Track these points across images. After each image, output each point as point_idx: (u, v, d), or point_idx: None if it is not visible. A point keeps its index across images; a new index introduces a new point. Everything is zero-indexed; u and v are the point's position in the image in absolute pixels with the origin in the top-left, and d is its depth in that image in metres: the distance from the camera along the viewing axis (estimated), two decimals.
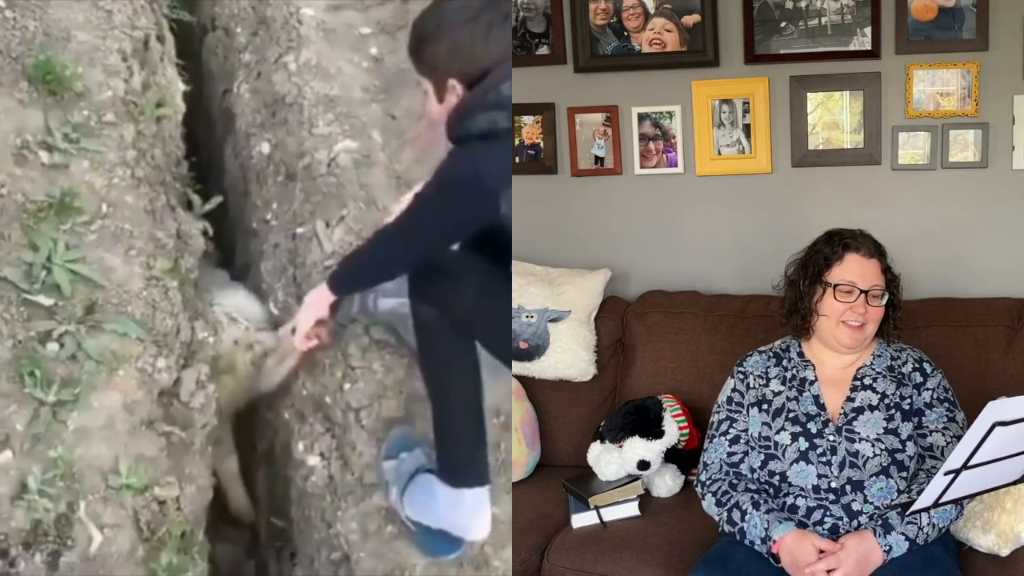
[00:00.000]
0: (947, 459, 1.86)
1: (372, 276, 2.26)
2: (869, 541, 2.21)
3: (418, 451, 2.29)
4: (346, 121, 2.63)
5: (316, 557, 2.29)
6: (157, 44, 2.57)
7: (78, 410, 2.01)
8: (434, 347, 2.18)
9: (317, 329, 2.32)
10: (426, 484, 2.24)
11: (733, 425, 2.46)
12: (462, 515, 2.22)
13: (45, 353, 2.03)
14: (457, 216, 2.03)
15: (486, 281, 2.14)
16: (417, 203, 2.09)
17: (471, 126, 1.97)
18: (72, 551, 1.92)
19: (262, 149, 2.65)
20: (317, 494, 2.30)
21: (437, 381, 2.20)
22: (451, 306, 2.12)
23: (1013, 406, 1.77)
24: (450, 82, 2.01)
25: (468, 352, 2.18)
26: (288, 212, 2.55)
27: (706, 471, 2.45)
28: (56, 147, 2.22)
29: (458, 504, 2.21)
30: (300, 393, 2.39)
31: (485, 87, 1.99)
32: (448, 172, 2.02)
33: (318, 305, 2.29)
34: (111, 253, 2.18)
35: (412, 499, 2.25)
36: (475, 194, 1.97)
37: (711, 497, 2.40)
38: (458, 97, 2.02)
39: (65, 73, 2.29)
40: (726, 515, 2.35)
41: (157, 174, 2.38)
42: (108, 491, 1.98)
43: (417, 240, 2.09)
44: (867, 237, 2.42)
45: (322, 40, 2.74)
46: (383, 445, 2.31)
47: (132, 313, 2.13)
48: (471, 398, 2.20)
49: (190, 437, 2.15)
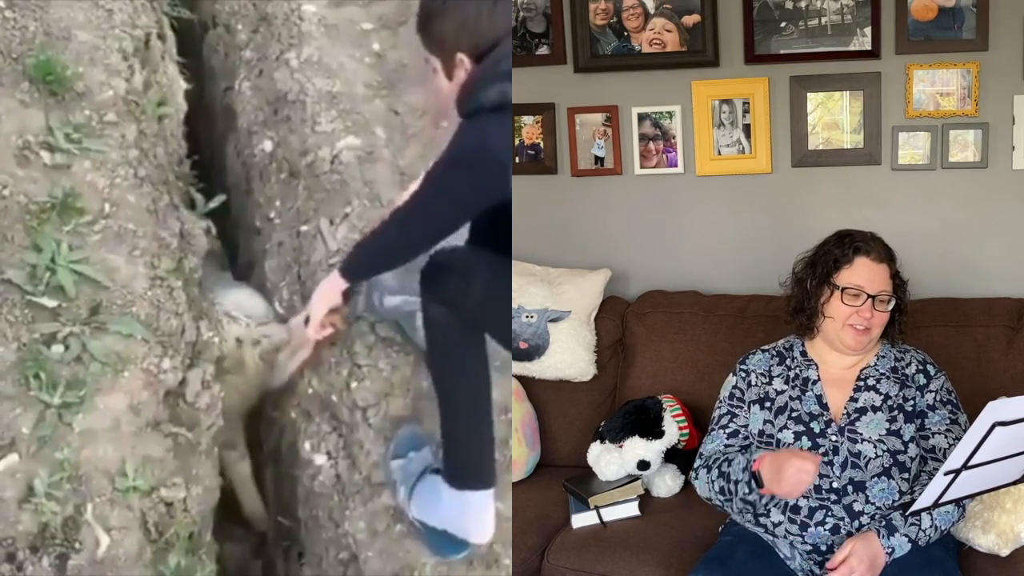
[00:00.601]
0: (947, 459, 1.87)
1: (387, 260, 2.22)
2: (875, 543, 2.21)
3: (426, 450, 2.28)
4: (349, 118, 2.63)
5: (324, 557, 2.28)
6: (158, 42, 2.56)
7: (84, 412, 2.00)
8: (446, 348, 2.16)
9: (331, 318, 2.29)
10: (433, 484, 2.23)
11: (733, 420, 2.46)
12: (466, 517, 2.22)
13: (50, 355, 2.02)
14: (471, 191, 2.01)
15: (493, 273, 2.13)
16: (430, 181, 2.06)
17: (483, 99, 1.96)
18: (80, 554, 1.91)
19: (265, 147, 2.64)
20: (325, 493, 2.30)
21: (447, 383, 2.18)
22: (461, 304, 2.11)
23: (1013, 406, 1.77)
24: (458, 57, 2.00)
25: (479, 354, 2.17)
26: (292, 210, 2.55)
27: (701, 459, 2.45)
28: (58, 147, 2.21)
29: (462, 506, 2.20)
30: (306, 392, 2.38)
31: (495, 58, 1.98)
32: (460, 147, 2.00)
33: (331, 293, 2.25)
34: (114, 253, 2.17)
35: (419, 499, 2.24)
36: (487, 168, 1.96)
37: (704, 472, 2.39)
38: (467, 72, 2.01)
39: (66, 73, 2.28)
40: (716, 473, 2.34)
41: (160, 173, 2.37)
42: (115, 493, 1.98)
43: (432, 219, 2.06)
44: (878, 241, 2.40)
45: (324, 36, 2.73)
46: (391, 444, 2.30)
47: (137, 314, 2.12)
48: (480, 401, 2.19)
49: (196, 438, 2.14)
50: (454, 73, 2.02)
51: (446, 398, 2.19)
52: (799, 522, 2.32)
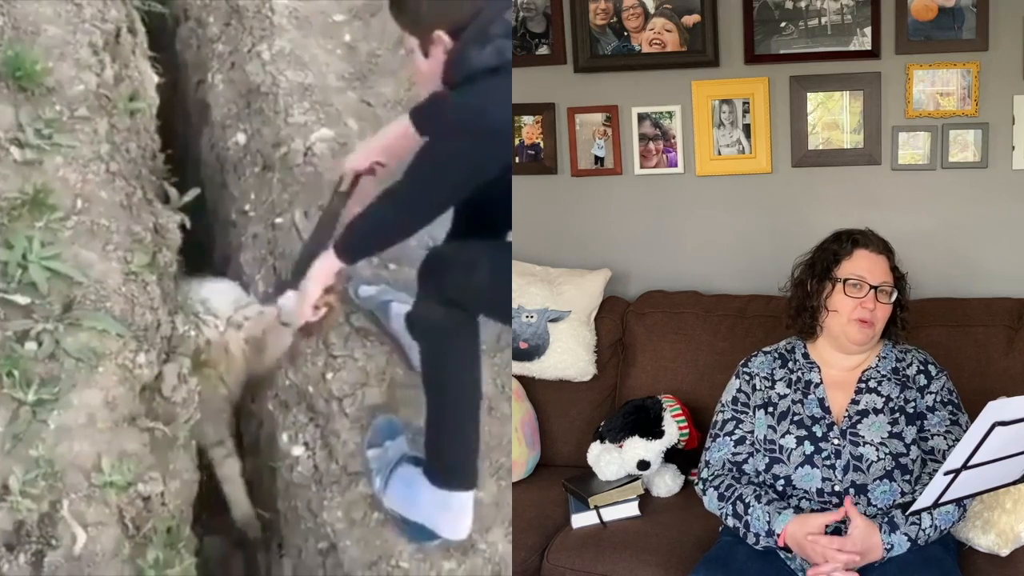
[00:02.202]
0: (947, 459, 1.86)
1: (383, 238, 2.14)
2: (876, 535, 2.20)
3: (401, 439, 2.28)
4: (321, 109, 2.63)
5: (303, 547, 2.30)
6: (129, 36, 2.54)
7: (59, 408, 1.99)
8: (441, 350, 2.12)
9: (326, 298, 2.24)
10: (410, 477, 2.21)
11: (739, 426, 2.45)
12: (446, 517, 2.21)
13: (23, 352, 2.00)
14: (471, 159, 1.93)
15: (493, 260, 2.09)
16: (426, 153, 1.99)
17: (476, 61, 1.90)
18: (56, 551, 1.91)
19: (238, 140, 2.64)
20: (303, 484, 2.31)
21: (439, 384, 2.15)
22: (462, 299, 2.06)
23: (1013, 406, 1.77)
24: (435, 33, 1.94)
25: (474, 357, 2.14)
26: (266, 202, 2.55)
27: (708, 469, 2.44)
28: (28, 143, 2.19)
29: (444, 505, 2.19)
30: (283, 384, 2.39)
31: (481, 23, 1.91)
32: (456, 115, 1.93)
33: (326, 273, 2.18)
34: (88, 249, 2.15)
35: (394, 490, 2.23)
36: (487, 133, 1.89)
37: (713, 492, 2.39)
38: (445, 47, 1.94)
39: (35, 68, 2.25)
40: (730, 508, 2.34)
41: (132, 168, 2.35)
42: (91, 489, 1.97)
43: (428, 194, 2.00)
44: (875, 235, 2.43)
45: (295, 28, 2.73)
46: (367, 433, 2.30)
47: (111, 309, 2.11)
48: (471, 404, 2.17)
49: (173, 432, 2.14)
50: (431, 51, 1.96)
51: (436, 398, 2.16)
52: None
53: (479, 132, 1.90)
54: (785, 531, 2.23)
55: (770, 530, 2.25)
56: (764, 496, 2.31)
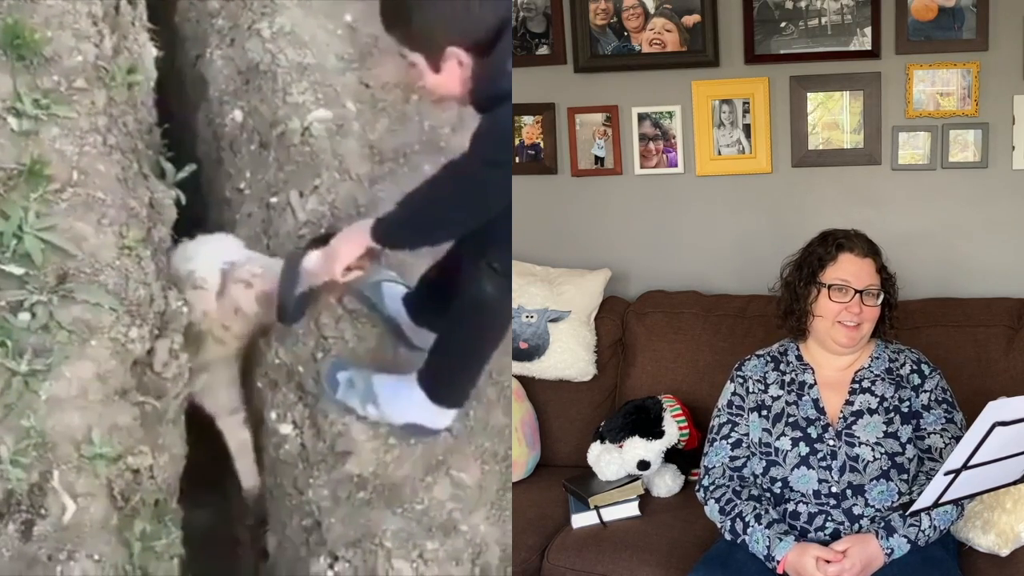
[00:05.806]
0: (947, 459, 1.86)
1: (430, 235, 2.08)
2: (872, 545, 2.20)
3: (352, 370, 2.31)
4: (320, 90, 2.60)
5: (288, 523, 2.31)
6: (128, 8, 2.50)
7: (51, 380, 1.99)
8: (487, 320, 2.13)
9: (360, 261, 2.16)
10: (394, 387, 2.27)
11: (735, 429, 2.45)
12: (432, 417, 2.29)
13: (16, 323, 2.00)
14: (498, 180, 1.92)
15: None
16: (476, 158, 1.92)
17: (505, 87, 1.87)
18: (45, 520, 1.92)
19: (235, 117, 2.61)
20: (290, 462, 2.32)
21: (468, 339, 2.19)
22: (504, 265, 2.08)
23: (1013, 406, 1.77)
24: (449, 50, 1.86)
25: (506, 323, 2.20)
26: (262, 181, 2.53)
27: (708, 476, 2.45)
28: (25, 113, 2.16)
29: (434, 412, 2.28)
30: (273, 362, 2.39)
31: (506, 47, 1.86)
32: (491, 137, 1.89)
33: (358, 245, 2.10)
34: (83, 222, 2.14)
35: (379, 402, 2.27)
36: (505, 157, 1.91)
37: (714, 504, 2.39)
38: (461, 63, 1.87)
39: (34, 37, 2.22)
40: (729, 524, 2.34)
41: (129, 141, 2.33)
42: (81, 460, 1.98)
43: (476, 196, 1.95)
44: (861, 236, 2.42)
45: (296, 6, 2.69)
46: (325, 385, 2.31)
47: (105, 283, 2.10)
48: (482, 354, 2.22)
49: (163, 406, 2.15)
50: (443, 66, 1.88)
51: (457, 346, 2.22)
52: (799, 528, 2.31)
53: (504, 154, 1.90)
54: (785, 559, 2.23)
55: (769, 555, 2.25)
56: (764, 516, 2.31)
